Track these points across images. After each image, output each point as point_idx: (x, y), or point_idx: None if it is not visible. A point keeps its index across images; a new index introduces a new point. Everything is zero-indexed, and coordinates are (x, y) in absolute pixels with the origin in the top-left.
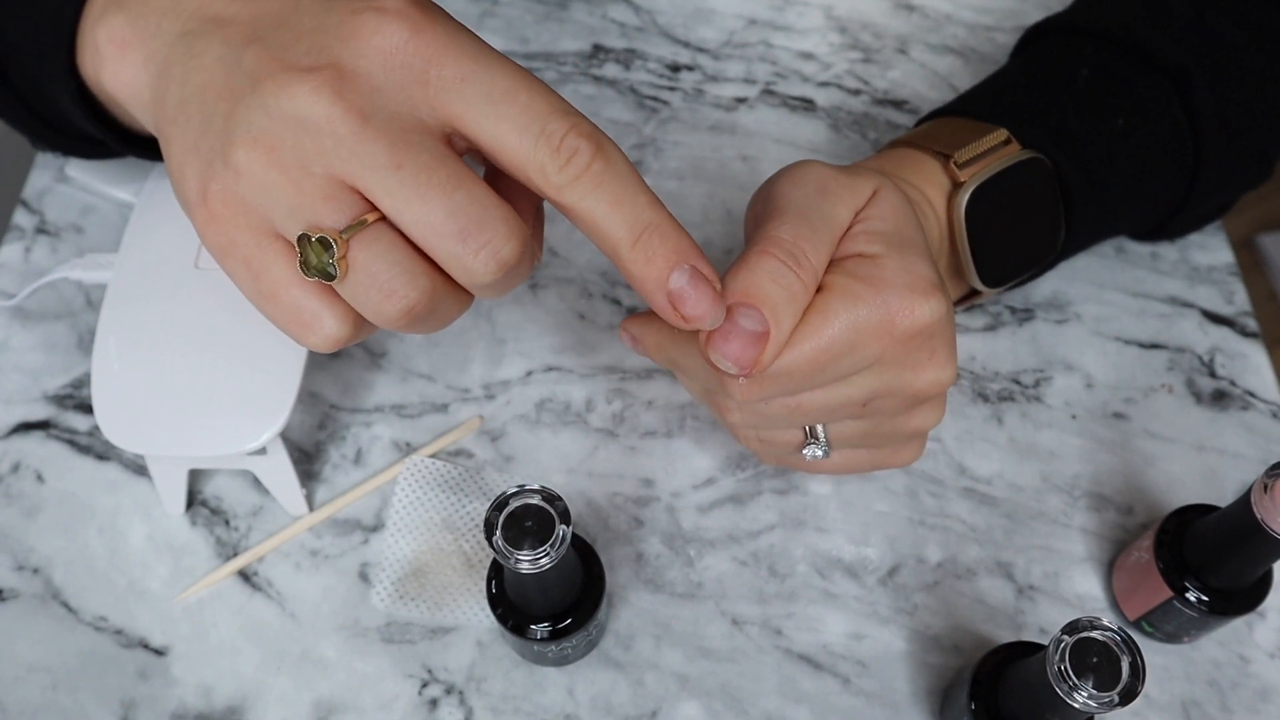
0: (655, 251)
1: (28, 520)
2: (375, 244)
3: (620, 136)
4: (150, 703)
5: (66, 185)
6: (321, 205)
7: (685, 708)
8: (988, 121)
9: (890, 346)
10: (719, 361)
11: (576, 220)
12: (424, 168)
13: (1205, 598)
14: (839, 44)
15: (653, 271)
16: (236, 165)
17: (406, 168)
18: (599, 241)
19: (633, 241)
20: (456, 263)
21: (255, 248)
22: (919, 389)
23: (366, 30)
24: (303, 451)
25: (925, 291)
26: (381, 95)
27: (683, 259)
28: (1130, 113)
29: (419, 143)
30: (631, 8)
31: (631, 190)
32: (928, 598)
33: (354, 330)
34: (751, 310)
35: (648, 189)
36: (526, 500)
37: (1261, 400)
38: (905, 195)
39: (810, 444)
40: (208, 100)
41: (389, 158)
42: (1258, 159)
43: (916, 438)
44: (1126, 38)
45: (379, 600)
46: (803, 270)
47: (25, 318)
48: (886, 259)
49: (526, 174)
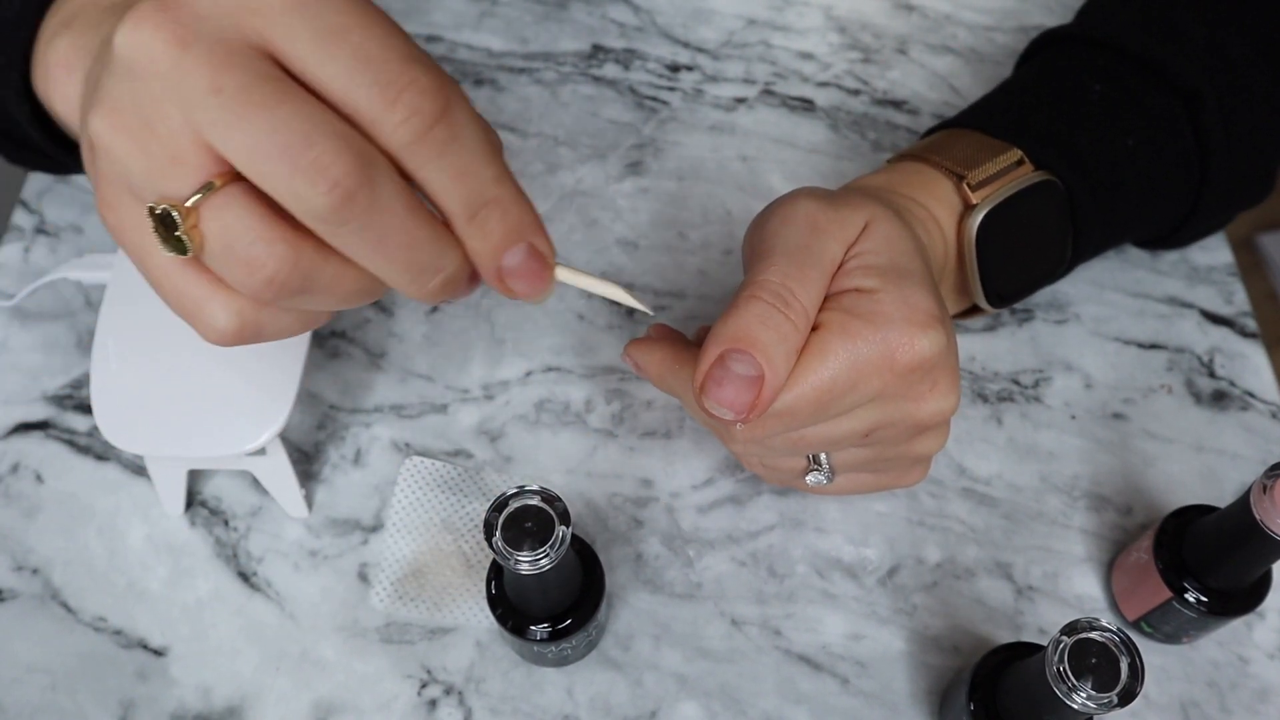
0: (493, 230)
1: (27, 520)
2: (225, 210)
3: (620, 136)
4: (149, 703)
5: (66, 185)
6: (169, 169)
7: (684, 708)
8: (999, 138)
9: (891, 381)
10: (713, 408)
11: (415, 184)
12: (244, 87)
13: (1204, 598)
14: (838, 44)
15: (487, 248)
16: (93, 138)
17: (226, 90)
18: (436, 209)
19: (470, 217)
20: (286, 187)
21: (135, 231)
22: (921, 419)
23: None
24: (302, 452)
25: (924, 324)
26: (206, 22)
27: (521, 237)
28: (1141, 132)
29: (242, 63)
30: (631, 8)
31: (477, 160)
32: (927, 598)
33: (243, 320)
34: (744, 355)
35: (496, 158)
36: (526, 501)
37: (1261, 400)
38: (903, 222)
39: (814, 470)
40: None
41: (209, 82)
42: (1261, 178)
43: (921, 462)
44: (1141, 54)
45: (378, 601)
46: (792, 311)
47: (24, 318)
48: (883, 293)
49: (361, 128)
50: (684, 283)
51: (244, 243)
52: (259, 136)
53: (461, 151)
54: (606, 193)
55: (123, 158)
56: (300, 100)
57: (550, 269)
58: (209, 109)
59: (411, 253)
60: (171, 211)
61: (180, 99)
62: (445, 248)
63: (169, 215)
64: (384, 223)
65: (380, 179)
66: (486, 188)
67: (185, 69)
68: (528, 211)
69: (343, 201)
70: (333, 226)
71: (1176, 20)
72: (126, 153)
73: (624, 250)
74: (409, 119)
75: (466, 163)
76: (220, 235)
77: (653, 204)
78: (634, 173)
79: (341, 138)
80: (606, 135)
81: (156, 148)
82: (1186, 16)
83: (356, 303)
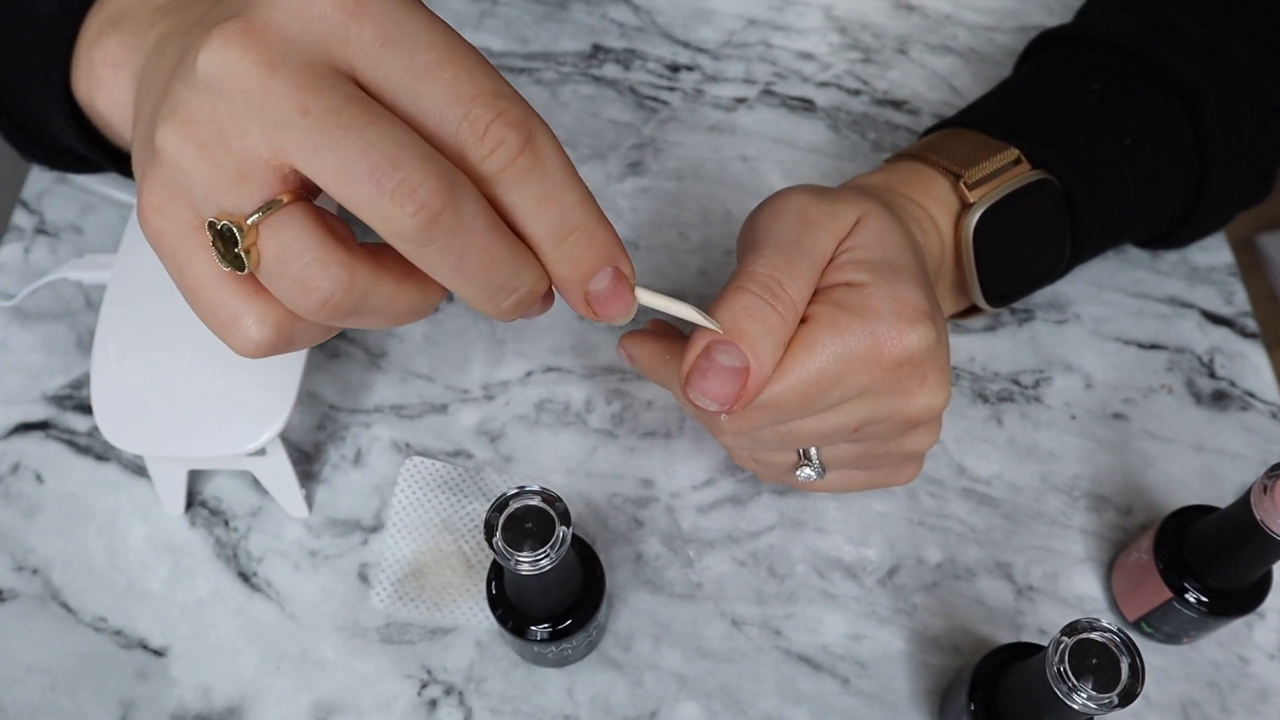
0: (580, 256)
1: (27, 521)
2: (285, 229)
3: (620, 136)
4: (149, 703)
5: (66, 185)
6: (235, 185)
7: (684, 708)
8: (997, 137)
9: (879, 375)
10: (697, 399)
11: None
12: (332, 109)
13: (1205, 598)
14: (839, 44)
15: (575, 274)
16: (160, 147)
17: (314, 112)
18: (522, 235)
19: (558, 242)
20: (373, 209)
21: (179, 239)
22: (911, 414)
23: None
24: (302, 452)
25: (913, 319)
26: (294, 45)
27: (606, 262)
28: (1140, 132)
29: (330, 85)
30: (631, 8)
31: (560, 187)
32: (927, 598)
33: (278, 333)
34: (729, 346)
35: (578, 183)
36: (526, 501)
37: (1261, 400)
38: (896, 218)
39: (803, 465)
40: (152, 91)
41: (296, 103)
42: (1260, 178)
43: (913, 458)
44: (1140, 54)
45: (378, 601)
46: (779, 303)
47: (25, 318)
48: (873, 287)
49: (449, 156)
50: (684, 283)
51: (300, 264)
52: (347, 158)
53: (546, 178)
54: (607, 193)
55: (188, 169)
56: (387, 123)
57: (633, 291)
58: (295, 131)
59: (490, 272)
60: (232, 227)
61: (265, 119)
62: (523, 267)
63: (229, 231)
64: (466, 242)
65: (464, 200)
66: (571, 213)
67: (272, 90)
68: (611, 235)
69: (429, 222)
70: (417, 246)
71: (1176, 20)
72: (193, 164)
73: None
74: (496, 150)
75: (550, 189)
76: (277, 254)
77: (653, 204)
78: (634, 173)
79: (428, 160)
80: (606, 135)
81: (227, 162)
82: (1186, 16)
83: (405, 323)
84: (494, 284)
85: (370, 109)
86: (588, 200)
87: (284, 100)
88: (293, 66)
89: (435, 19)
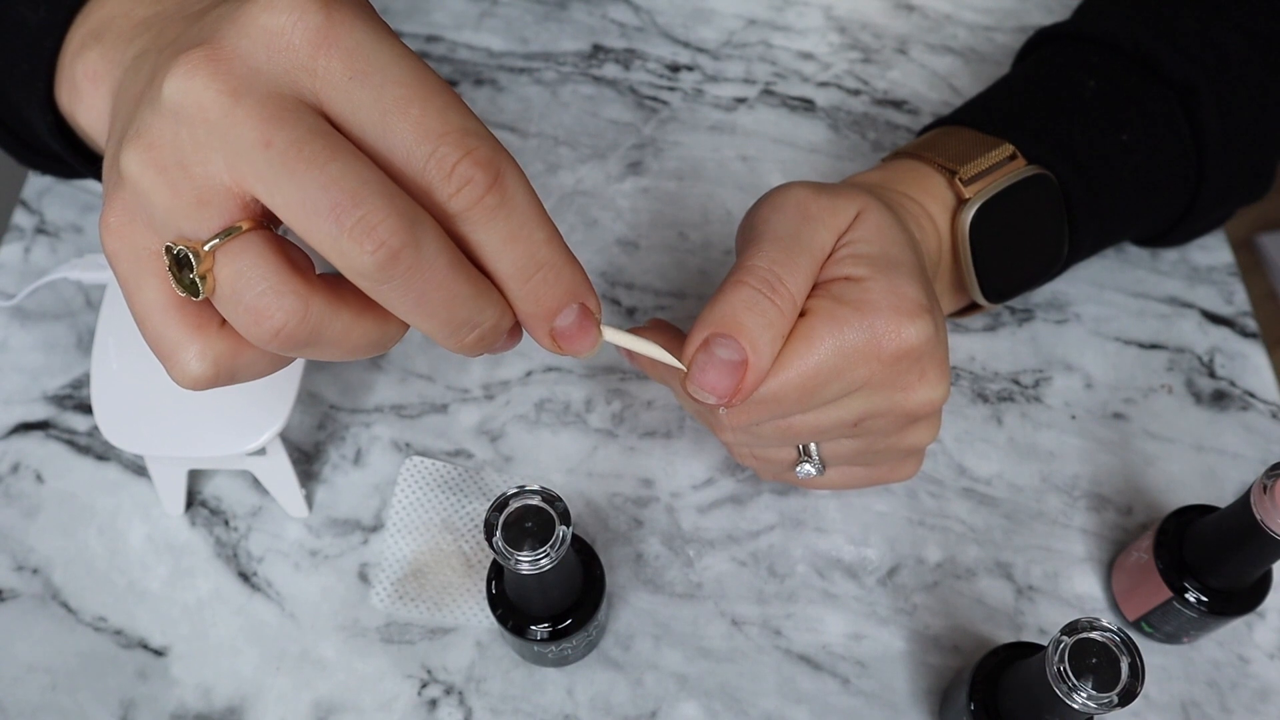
0: (545, 293)
1: (27, 520)
2: (241, 256)
3: (620, 136)
4: (150, 703)
5: (66, 185)
6: (194, 211)
7: (684, 708)
8: (993, 134)
9: (878, 369)
10: (696, 393)
11: (465, 248)
12: (295, 142)
13: (1205, 598)
14: (839, 44)
15: (541, 310)
16: (124, 169)
17: (276, 145)
18: (488, 272)
19: (524, 280)
20: (332, 245)
21: (133, 264)
22: (910, 409)
23: (255, 8)
24: (302, 452)
25: (911, 313)
26: (260, 76)
27: (573, 299)
28: (1136, 128)
29: (294, 118)
30: (631, 8)
31: (528, 225)
32: (927, 598)
33: (217, 371)
34: (728, 340)
35: (546, 221)
36: (526, 501)
37: (1261, 400)
38: (894, 214)
39: (804, 462)
40: (123, 111)
41: (259, 135)
42: (1258, 175)
43: (913, 454)
44: (1135, 50)
45: (378, 600)
46: (778, 297)
47: (25, 318)
48: (872, 281)
49: (416, 193)
50: (684, 283)
51: (255, 292)
52: (307, 193)
53: (513, 217)
54: (607, 193)
55: (149, 192)
56: (349, 158)
57: (598, 326)
58: (257, 163)
59: (451, 310)
60: (189, 252)
61: (228, 148)
62: (485, 304)
63: (185, 256)
64: (426, 280)
65: (425, 238)
66: (538, 251)
67: (236, 120)
68: (578, 272)
69: (388, 260)
70: (376, 284)
71: (1171, 16)
72: (154, 188)
73: (624, 250)
74: (463, 188)
75: (518, 228)
76: (232, 281)
77: (653, 204)
78: (634, 173)
79: (389, 197)
80: (607, 135)
81: (187, 188)
82: (1181, 12)
83: (362, 356)
84: (454, 321)
85: (333, 143)
86: (555, 238)
87: (247, 131)
88: (257, 97)
89: (406, 52)
